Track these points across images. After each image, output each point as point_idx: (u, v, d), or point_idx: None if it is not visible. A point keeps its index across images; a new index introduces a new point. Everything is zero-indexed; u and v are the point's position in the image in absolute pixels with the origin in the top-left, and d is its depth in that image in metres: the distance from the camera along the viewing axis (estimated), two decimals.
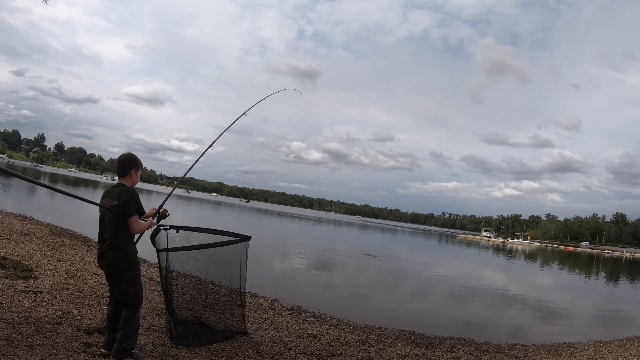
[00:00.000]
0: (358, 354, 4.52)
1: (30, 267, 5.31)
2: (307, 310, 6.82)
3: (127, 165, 3.14)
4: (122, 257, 2.98)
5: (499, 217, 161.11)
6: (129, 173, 3.14)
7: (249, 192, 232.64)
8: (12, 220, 10.32)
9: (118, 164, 3.15)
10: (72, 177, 74.40)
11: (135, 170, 3.16)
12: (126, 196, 2.98)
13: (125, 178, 3.14)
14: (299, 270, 12.54)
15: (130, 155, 3.22)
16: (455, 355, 5.25)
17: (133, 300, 3.02)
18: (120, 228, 2.98)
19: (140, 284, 3.11)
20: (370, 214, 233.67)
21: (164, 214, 3.51)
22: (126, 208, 2.96)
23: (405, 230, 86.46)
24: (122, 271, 3.01)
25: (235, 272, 4.04)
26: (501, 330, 7.79)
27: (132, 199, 2.99)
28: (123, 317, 2.99)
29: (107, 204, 2.98)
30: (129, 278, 3.02)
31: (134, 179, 3.17)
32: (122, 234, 2.99)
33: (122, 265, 3.00)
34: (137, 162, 3.19)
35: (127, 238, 3.03)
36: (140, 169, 3.23)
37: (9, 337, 2.87)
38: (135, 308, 3.03)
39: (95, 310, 4.05)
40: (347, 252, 20.35)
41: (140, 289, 3.10)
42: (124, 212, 2.95)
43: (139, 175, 3.20)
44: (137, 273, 3.08)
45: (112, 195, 3.01)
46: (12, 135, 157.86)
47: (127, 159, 3.17)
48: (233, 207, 68.31)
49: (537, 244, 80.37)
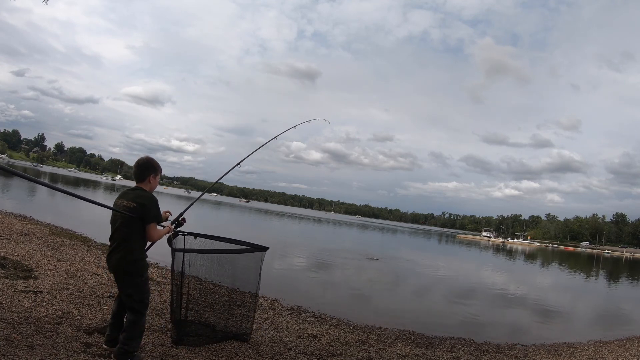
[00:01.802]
0: (358, 354, 4.52)
1: (30, 267, 5.30)
2: (307, 310, 6.82)
3: (145, 169, 3.02)
4: (130, 261, 2.89)
5: (499, 217, 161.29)
6: (147, 178, 3.02)
7: (249, 192, 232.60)
8: (12, 220, 10.32)
9: (136, 168, 3.04)
10: (72, 177, 74.40)
11: (154, 175, 3.05)
12: (145, 201, 2.89)
13: (144, 183, 3.02)
14: (299, 270, 12.54)
15: (149, 159, 3.09)
16: (455, 355, 5.25)
17: (138, 306, 2.94)
18: (132, 232, 2.88)
19: (147, 289, 3.03)
20: (370, 214, 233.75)
21: (182, 222, 3.48)
22: (145, 214, 2.86)
23: (405, 230, 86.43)
24: (129, 275, 2.93)
25: (251, 279, 4.05)
26: (501, 330, 7.79)
27: (152, 205, 2.89)
28: (128, 320, 2.93)
29: (124, 205, 2.87)
30: (135, 283, 2.94)
31: (152, 184, 3.05)
32: (135, 238, 2.89)
33: (128, 270, 2.92)
34: (155, 167, 3.08)
35: (139, 243, 2.93)
36: (160, 173, 3.12)
37: (9, 337, 2.87)
38: (140, 313, 2.95)
39: (95, 310, 4.05)
40: (347, 253, 20.33)
41: (147, 295, 3.02)
42: (142, 217, 2.86)
43: (157, 180, 3.09)
44: (144, 279, 2.99)
45: (129, 197, 2.90)
46: (12, 135, 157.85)
47: (144, 162, 3.05)
48: (233, 207, 68.29)
49: (537, 244, 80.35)
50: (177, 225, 3.45)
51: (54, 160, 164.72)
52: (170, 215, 3.46)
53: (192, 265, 3.70)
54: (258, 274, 4.01)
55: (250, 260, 3.98)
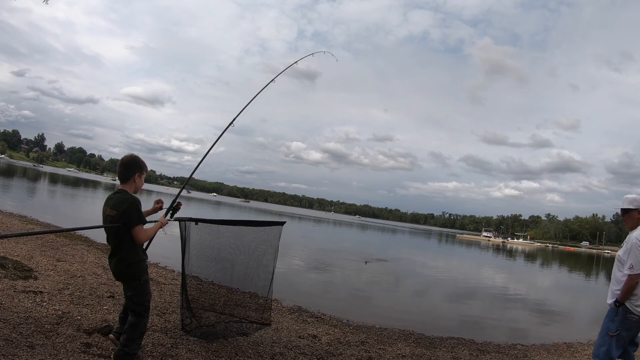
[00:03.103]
0: (358, 354, 4.52)
1: (30, 267, 5.31)
2: (307, 310, 6.82)
3: (129, 168, 2.93)
4: (125, 266, 2.87)
5: (499, 217, 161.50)
6: (132, 177, 2.93)
7: (249, 192, 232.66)
8: (12, 220, 10.33)
9: (120, 167, 2.95)
10: (71, 177, 74.39)
11: (139, 174, 2.96)
12: (125, 206, 2.79)
13: (128, 183, 2.93)
14: (299, 270, 12.54)
15: (133, 157, 2.98)
16: (455, 355, 5.25)
17: (138, 308, 2.93)
18: (122, 238, 2.83)
19: (146, 292, 2.99)
20: (370, 214, 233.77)
21: (177, 207, 3.47)
22: (127, 219, 2.78)
23: (405, 230, 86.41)
24: (127, 280, 2.93)
25: (267, 259, 3.98)
26: (501, 330, 7.78)
27: (132, 209, 2.80)
28: (129, 322, 2.93)
29: (107, 213, 2.84)
30: (134, 286, 2.93)
31: (138, 184, 2.96)
32: (126, 243, 2.84)
33: (125, 275, 2.91)
34: (140, 165, 2.98)
35: (132, 247, 2.87)
36: (145, 172, 3.04)
37: (9, 337, 2.87)
38: (141, 315, 2.94)
39: (95, 310, 4.05)
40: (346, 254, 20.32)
41: (147, 298, 2.99)
42: (125, 224, 2.79)
43: (143, 179, 3.00)
44: (142, 282, 2.95)
45: (111, 204, 2.85)
46: (12, 135, 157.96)
47: (128, 161, 2.95)
48: (233, 207, 68.25)
49: (537, 244, 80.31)
50: (173, 212, 3.45)
51: (54, 160, 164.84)
52: (163, 204, 3.39)
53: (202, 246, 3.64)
54: (275, 254, 3.96)
55: (269, 235, 3.93)
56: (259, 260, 3.99)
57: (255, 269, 4.00)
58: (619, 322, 3.33)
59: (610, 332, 3.37)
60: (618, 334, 3.34)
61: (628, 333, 3.35)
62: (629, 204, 3.53)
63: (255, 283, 4.03)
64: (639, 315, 3.28)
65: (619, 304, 3.34)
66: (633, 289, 3.26)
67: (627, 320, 3.31)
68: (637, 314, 3.28)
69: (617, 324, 3.34)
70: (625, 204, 3.55)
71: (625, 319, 3.31)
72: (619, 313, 3.34)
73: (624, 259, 3.38)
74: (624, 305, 3.32)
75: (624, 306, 3.32)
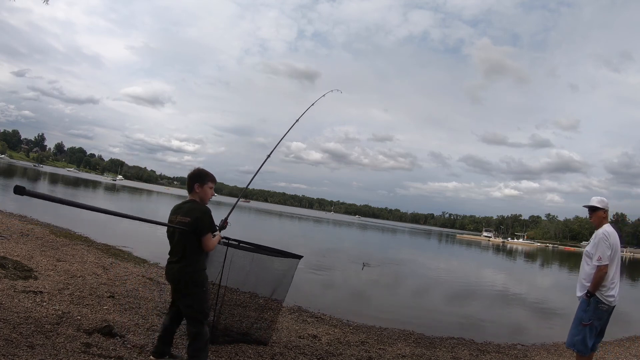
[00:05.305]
0: (358, 354, 4.52)
1: (30, 267, 5.30)
2: (307, 310, 6.82)
3: (190, 179, 3.09)
4: (190, 273, 2.94)
5: (499, 217, 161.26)
6: (193, 188, 3.07)
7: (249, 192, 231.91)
8: (12, 220, 10.33)
9: (187, 179, 3.13)
10: (72, 177, 74.41)
11: (199, 185, 3.06)
12: (199, 213, 2.93)
13: (191, 193, 3.08)
14: (299, 270, 12.49)
15: (196, 169, 3.14)
16: (455, 355, 5.25)
17: (199, 316, 2.97)
18: (190, 245, 2.93)
19: (207, 299, 3.07)
20: (370, 214, 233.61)
21: (224, 225, 3.55)
22: (199, 227, 2.91)
23: (406, 230, 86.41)
24: (189, 287, 2.97)
25: (283, 284, 4.34)
26: (501, 330, 7.78)
27: (204, 217, 2.94)
28: (191, 332, 2.97)
29: (179, 220, 2.94)
30: (196, 294, 2.97)
31: (200, 194, 3.07)
32: (193, 250, 2.94)
33: (189, 282, 2.95)
34: (201, 176, 3.09)
35: (198, 255, 2.97)
36: (208, 182, 3.11)
37: (9, 337, 2.87)
38: (201, 323, 2.98)
39: (95, 310, 4.05)
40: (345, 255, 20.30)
41: (207, 304, 3.07)
42: (197, 231, 2.90)
43: (206, 190, 3.09)
44: (204, 289, 3.02)
45: (183, 212, 2.97)
46: (12, 135, 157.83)
47: (191, 173, 3.12)
48: None
49: (538, 244, 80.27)
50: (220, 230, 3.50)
51: (54, 161, 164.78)
52: None
53: (232, 267, 3.93)
54: (289, 281, 4.31)
55: (285, 265, 4.31)
56: (276, 288, 4.37)
57: (270, 294, 4.41)
58: (591, 311, 3.56)
59: (584, 322, 3.58)
60: (591, 322, 3.55)
61: (599, 322, 3.59)
62: (597, 203, 3.81)
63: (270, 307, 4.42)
64: (609, 304, 3.53)
65: (590, 295, 3.56)
66: (602, 279, 3.51)
67: (599, 309, 3.54)
68: (607, 303, 3.53)
69: (590, 314, 3.56)
70: (594, 202, 3.83)
71: (597, 309, 3.55)
72: (590, 303, 3.56)
73: (592, 253, 3.64)
74: (595, 295, 3.55)
75: (594, 297, 3.55)
